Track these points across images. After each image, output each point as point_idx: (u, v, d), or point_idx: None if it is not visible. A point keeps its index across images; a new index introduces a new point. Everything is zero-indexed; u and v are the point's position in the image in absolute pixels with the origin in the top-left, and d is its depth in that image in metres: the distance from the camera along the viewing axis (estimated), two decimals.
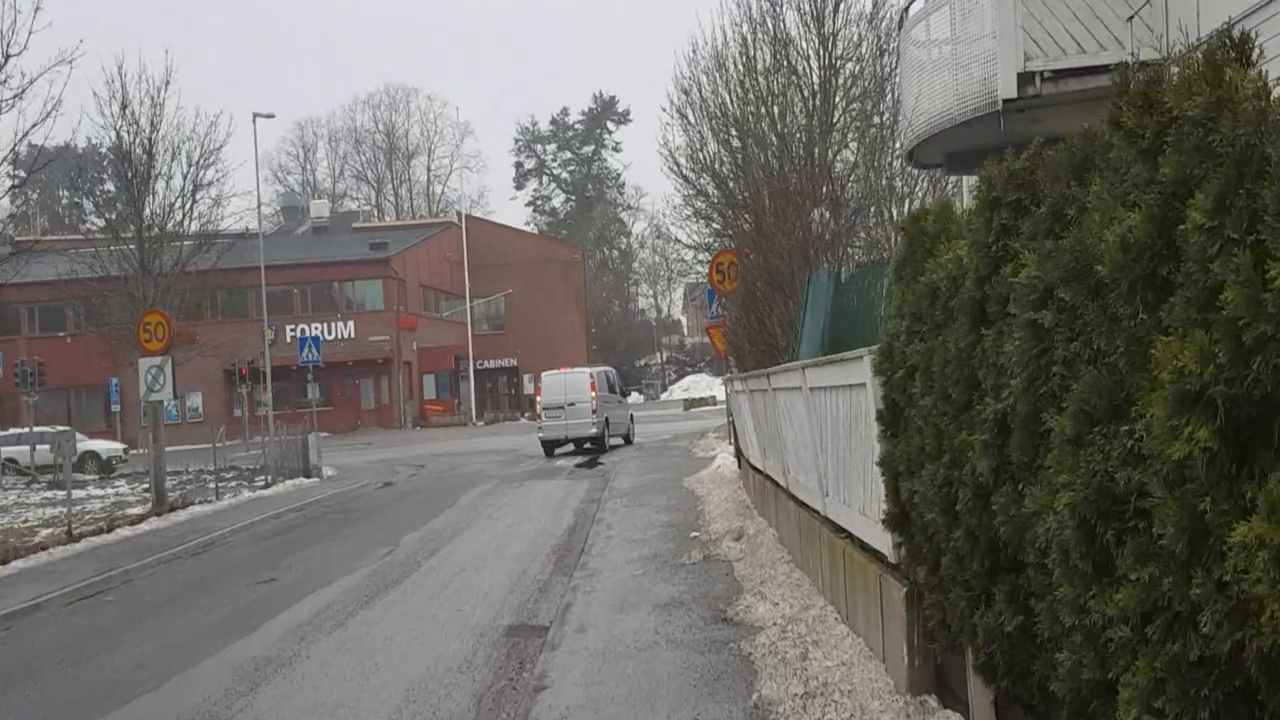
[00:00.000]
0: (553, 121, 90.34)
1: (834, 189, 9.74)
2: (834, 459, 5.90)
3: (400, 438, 45.57)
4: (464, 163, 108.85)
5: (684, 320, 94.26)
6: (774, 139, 27.00)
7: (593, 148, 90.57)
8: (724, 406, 36.78)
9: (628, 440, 29.95)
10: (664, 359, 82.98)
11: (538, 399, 34.54)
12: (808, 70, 23.83)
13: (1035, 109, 10.85)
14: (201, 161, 21.73)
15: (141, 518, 17.56)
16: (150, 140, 21.62)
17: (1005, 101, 10.60)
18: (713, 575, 9.06)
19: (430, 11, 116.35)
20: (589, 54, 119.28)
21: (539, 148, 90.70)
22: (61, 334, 48.69)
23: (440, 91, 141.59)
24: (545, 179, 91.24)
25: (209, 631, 9.22)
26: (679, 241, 29.91)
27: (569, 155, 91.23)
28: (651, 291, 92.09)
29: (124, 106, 20.77)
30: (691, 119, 28.35)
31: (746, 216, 26.31)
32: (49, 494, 29.10)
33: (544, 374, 29.49)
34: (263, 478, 25.91)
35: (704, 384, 70.74)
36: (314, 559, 13.05)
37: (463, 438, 42.11)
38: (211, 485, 26.20)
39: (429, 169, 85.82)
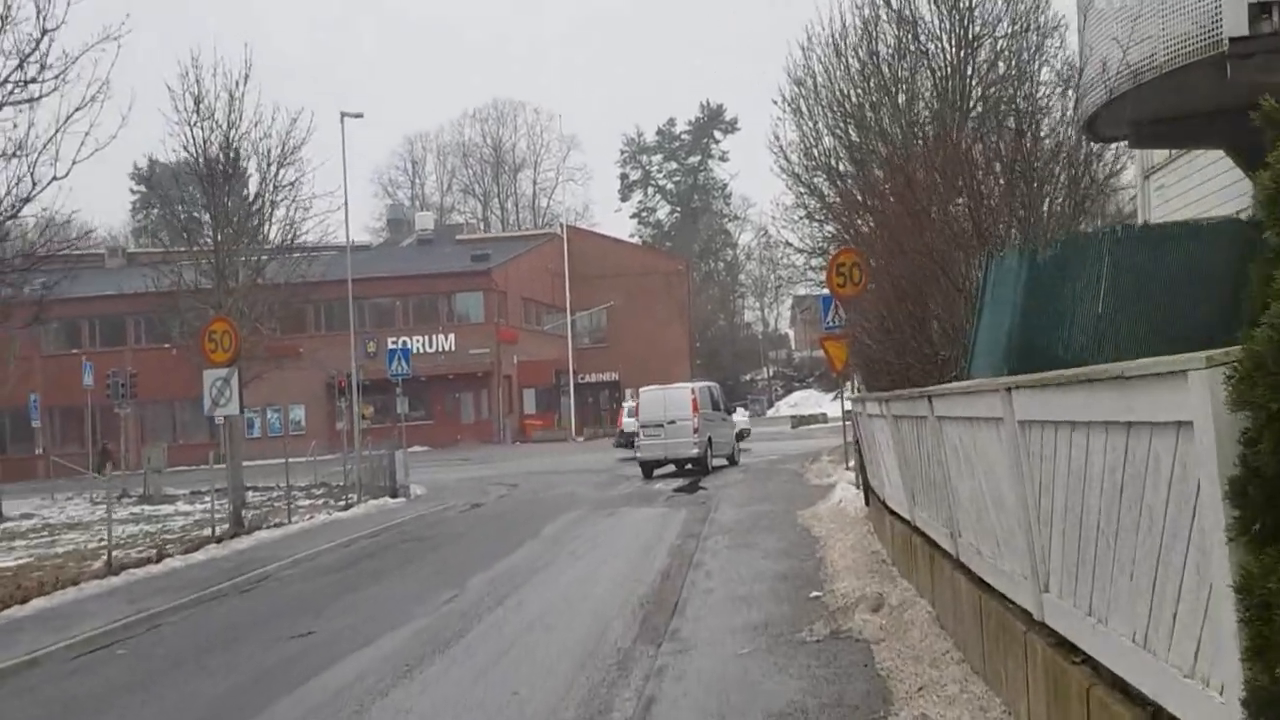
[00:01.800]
0: (659, 132, 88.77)
1: (1006, 150, 7.50)
2: (1071, 540, 3.62)
3: (498, 453, 44.18)
4: (569, 175, 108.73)
5: (791, 334, 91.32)
6: (898, 131, 24.47)
7: (699, 158, 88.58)
8: (837, 424, 34.07)
9: (732, 461, 27.75)
10: (770, 374, 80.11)
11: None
12: (940, 50, 21.30)
13: (1270, 53, 8.31)
14: (281, 159, 20.38)
15: (198, 545, 16.11)
16: (228, 139, 20.46)
17: (1232, 42, 8.11)
18: (846, 666, 6.77)
19: (536, 24, 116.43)
20: (697, 62, 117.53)
21: (644, 159, 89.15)
22: (166, 345, 48.99)
23: (547, 105, 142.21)
24: (650, 190, 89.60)
25: (206, 711, 7.40)
26: (790, 245, 27.44)
27: (675, 166, 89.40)
28: (758, 304, 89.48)
29: (198, 101, 19.62)
30: (805, 110, 26.02)
31: (867, 217, 23.86)
32: (137, 509, 28.45)
33: (642, 390, 27.60)
34: (351, 496, 24.52)
35: (813, 400, 67.86)
36: (365, 604, 11.21)
37: (561, 454, 40.44)
38: (291, 505, 24.99)
39: (535, 182, 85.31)
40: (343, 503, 22.66)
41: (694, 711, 6.33)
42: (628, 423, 32.12)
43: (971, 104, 21.04)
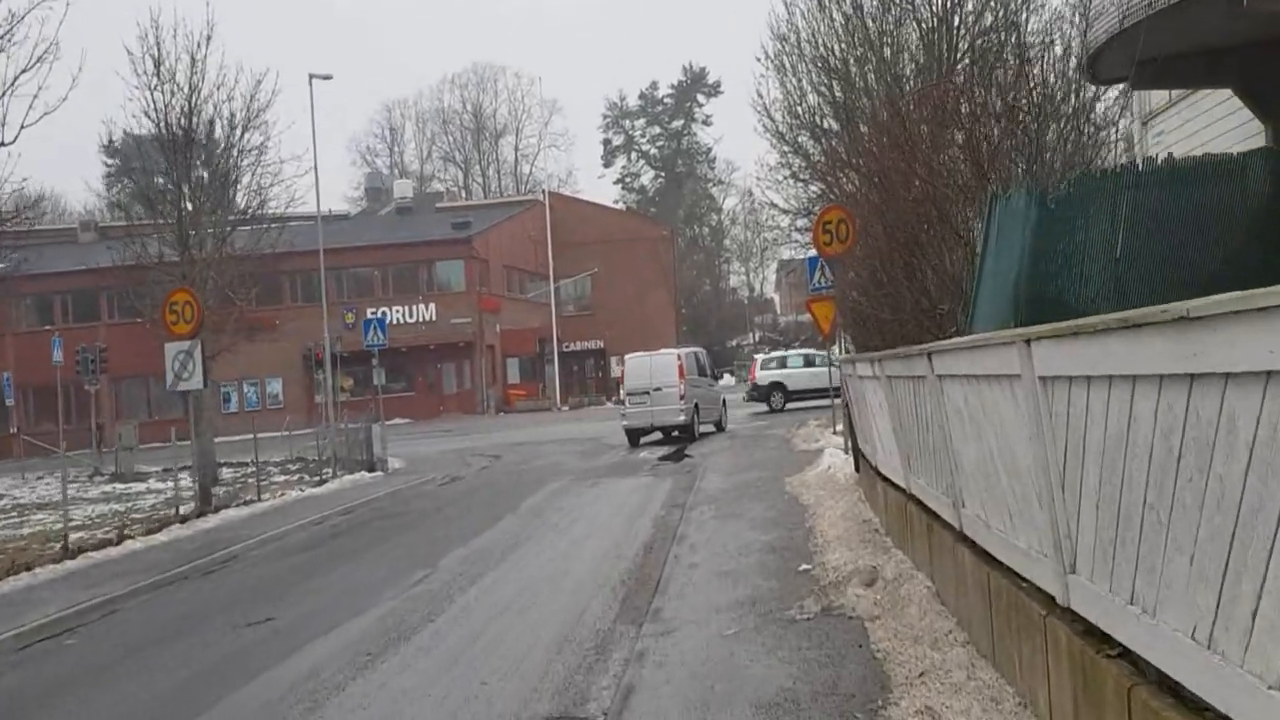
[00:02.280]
0: (641, 96, 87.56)
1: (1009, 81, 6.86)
2: (1107, 515, 3.05)
3: (481, 424, 43.59)
4: (552, 141, 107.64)
5: (777, 299, 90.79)
6: (883, 87, 23.79)
7: (682, 122, 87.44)
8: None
9: (720, 427, 27.26)
10: (757, 339, 79.61)
11: (622, 383, 31.97)
12: (926, 2, 20.58)
13: None
14: (246, 123, 19.57)
15: (161, 525, 15.51)
16: (190, 103, 19.61)
17: None
18: (840, 647, 6.24)
19: None
20: (679, 24, 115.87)
21: (627, 123, 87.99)
22: (139, 320, 47.94)
23: (528, 69, 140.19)
24: (634, 155, 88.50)
25: (152, 707, 6.84)
26: (775, 206, 26.79)
27: (658, 130, 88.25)
28: (743, 269, 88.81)
29: (158, 64, 18.76)
30: (788, 68, 25.29)
31: (853, 175, 23.21)
32: (109, 488, 27.80)
33: (628, 357, 27.03)
34: (326, 471, 23.92)
35: None
36: (332, 587, 10.65)
37: (545, 424, 39.88)
38: (265, 481, 24.38)
39: (517, 148, 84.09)
40: (317, 478, 22.02)
41: (676, 701, 5.80)
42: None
43: (959, 56, 20.36)
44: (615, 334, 56.41)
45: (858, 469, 11.36)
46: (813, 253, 25.80)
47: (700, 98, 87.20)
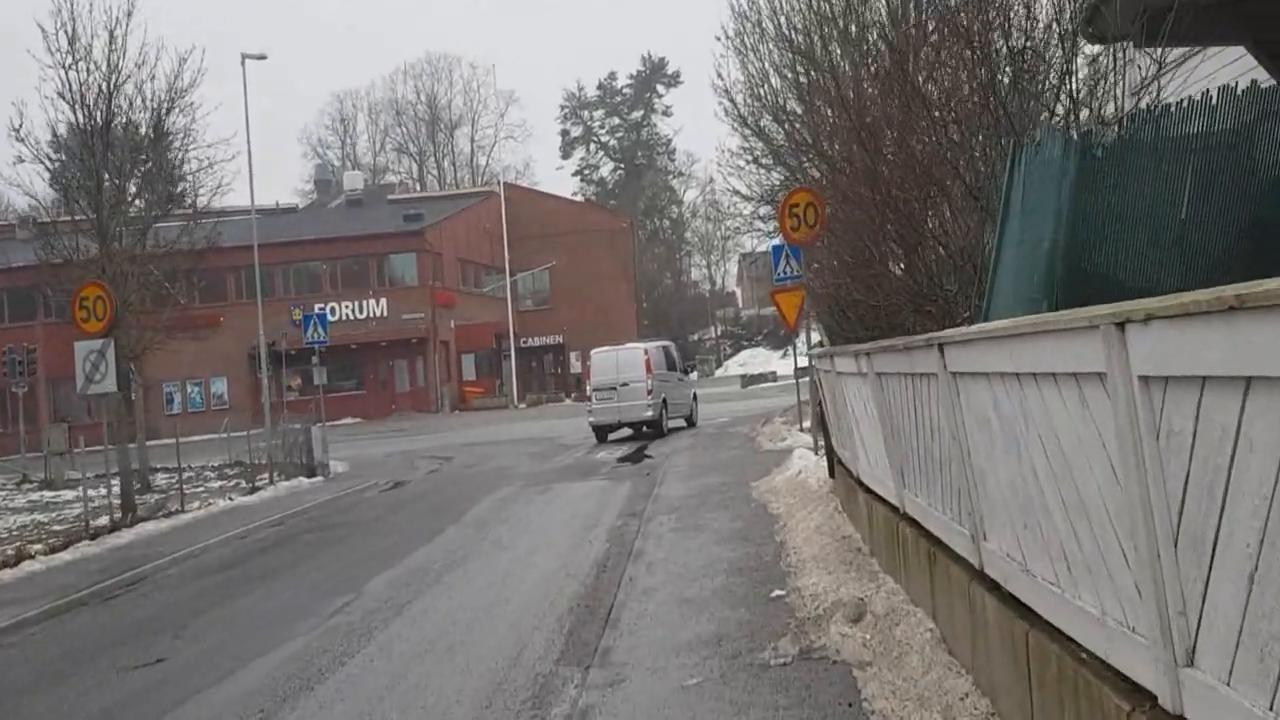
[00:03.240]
0: (600, 86, 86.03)
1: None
2: (1277, 591, 1.91)
3: (435, 423, 42.15)
4: (509, 133, 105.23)
5: (739, 292, 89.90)
6: (847, 66, 22.76)
7: (642, 113, 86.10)
8: (787, 383, 32.56)
9: (690, 422, 26.35)
10: (719, 333, 78.68)
11: (587, 380, 31.07)
12: None
13: None
14: (169, 103, 18.05)
15: (67, 542, 14.08)
16: (110, 84, 18.05)
17: None
18: (826, 706, 5.10)
19: None
20: (638, 14, 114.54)
21: (586, 114, 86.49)
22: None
23: (483, 59, 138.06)
24: (593, 147, 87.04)
25: None
26: (737, 194, 25.68)
27: (617, 121, 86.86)
28: (705, 262, 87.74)
29: (72, 40, 17.21)
30: (750, 47, 24.19)
31: (816, 161, 22.17)
32: (36, 496, 26.14)
33: (594, 351, 26.23)
34: (263, 477, 22.46)
35: (761, 359, 66.75)
36: (241, 616, 9.37)
37: (501, 422, 38.55)
38: (198, 488, 22.91)
39: (473, 140, 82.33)
40: (249, 486, 20.57)
41: None
42: None
43: (930, 31, 19.35)
44: (575, 329, 55.14)
45: (832, 474, 10.26)
46: (777, 241, 24.78)
47: (660, 88, 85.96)
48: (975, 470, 4.02)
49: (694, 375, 28.90)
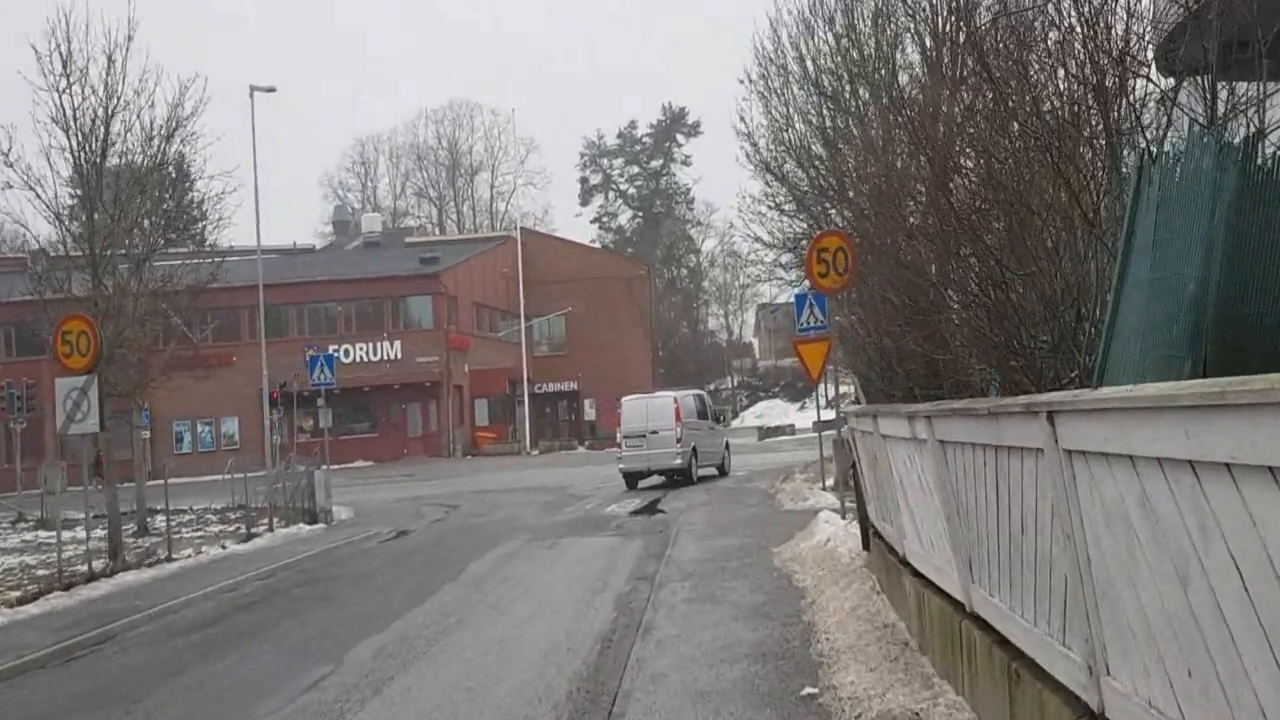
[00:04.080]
0: (620, 135, 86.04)
1: None
2: None
3: (446, 468, 41.21)
4: (528, 179, 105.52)
5: (756, 343, 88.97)
6: (873, 111, 22.03)
7: (661, 161, 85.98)
8: (805, 436, 31.47)
9: (723, 471, 26.21)
10: (735, 384, 77.63)
11: (616, 426, 30.94)
12: (929, 8, 18.89)
13: None
14: (168, 133, 17.41)
15: (39, 593, 13.17)
16: (108, 110, 17.46)
17: None
18: None
19: (493, 23, 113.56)
20: (659, 65, 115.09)
21: (605, 162, 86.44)
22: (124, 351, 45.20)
23: (504, 106, 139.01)
24: (611, 195, 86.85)
25: None
26: (758, 240, 24.87)
27: (636, 170, 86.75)
28: (722, 312, 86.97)
29: (65, 63, 16.65)
30: (774, 90, 23.54)
31: (844, 212, 21.38)
32: (30, 536, 25.27)
33: (625, 399, 26.41)
34: (261, 523, 21.52)
35: (779, 411, 65.73)
36: (205, 688, 8.42)
37: (513, 469, 37.62)
38: (196, 533, 22.01)
39: (493, 186, 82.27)
40: (245, 532, 19.63)
41: None
42: None
43: (964, 73, 18.60)
44: (590, 376, 54.32)
45: (866, 546, 9.25)
46: (800, 290, 23.91)
47: (680, 137, 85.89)
48: (1098, 582, 3.09)
49: (725, 424, 28.62)
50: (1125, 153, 4.12)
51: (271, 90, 26.15)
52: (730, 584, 10.52)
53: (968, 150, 4.85)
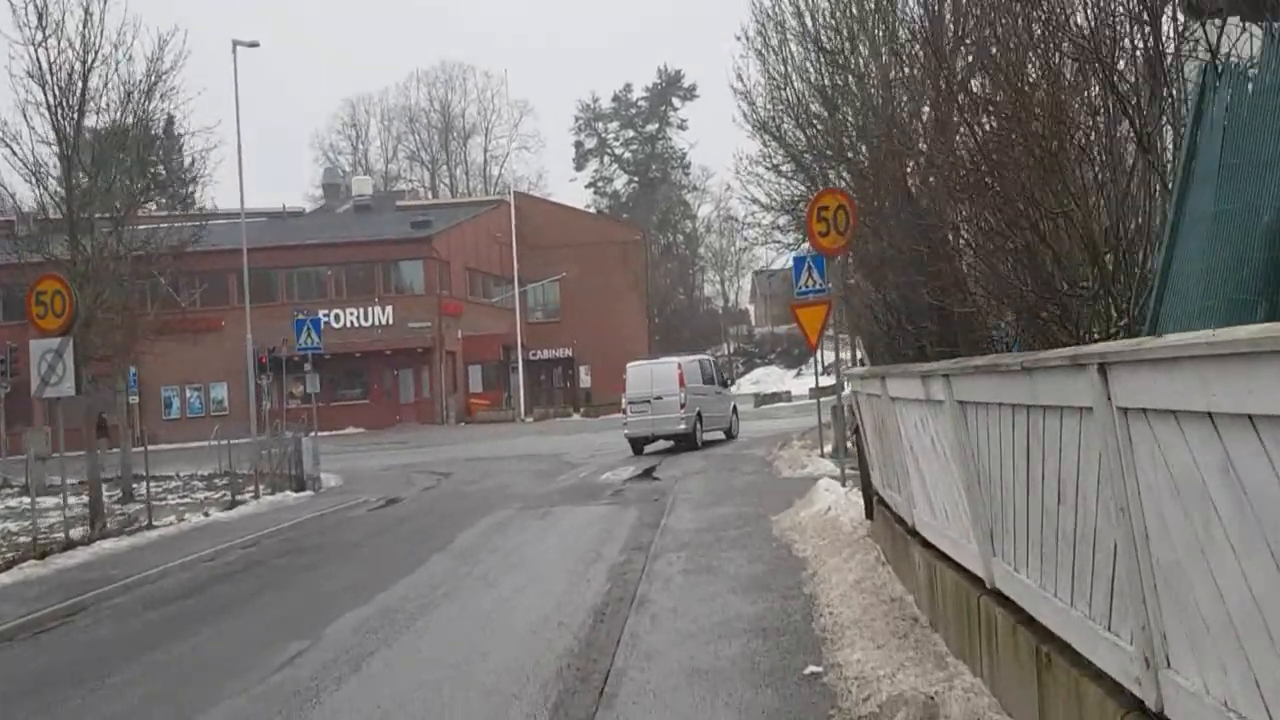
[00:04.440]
0: (615, 98, 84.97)
1: None
2: None
3: (439, 435, 40.83)
4: (522, 143, 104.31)
5: (752, 310, 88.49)
6: (874, 68, 21.46)
7: (657, 125, 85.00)
8: (802, 403, 31.12)
9: (730, 435, 26.45)
10: (731, 350, 77.26)
11: (620, 392, 31.29)
12: None
13: None
14: (143, 86, 16.77)
15: (13, 562, 12.76)
16: (86, 65, 16.82)
17: None
18: None
19: None
20: (654, 25, 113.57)
21: (600, 126, 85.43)
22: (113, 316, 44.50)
23: (497, 68, 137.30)
24: (606, 159, 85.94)
25: None
26: (756, 202, 24.28)
27: (632, 134, 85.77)
28: (718, 278, 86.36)
29: (40, 15, 16.01)
30: (772, 48, 22.88)
31: (843, 173, 20.81)
32: (15, 503, 24.86)
33: (630, 365, 26.64)
34: (248, 490, 21.13)
35: (775, 378, 65.44)
36: (176, 664, 8.02)
37: (507, 436, 37.23)
38: (181, 499, 21.64)
39: (486, 150, 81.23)
40: (230, 499, 19.23)
41: None
42: None
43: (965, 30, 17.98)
44: (584, 342, 53.82)
45: (870, 515, 8.85)
46: (798, 253, 23.39)
47: (675, 101, 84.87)
48: (1160, 563, 2.66)
49: (733, 389, 28.66)
50: (1174, 72, 3.65)
51: (255, 45, 25.42)
52: (728, 554, 10.13)
53: (985, 79, 4.36)
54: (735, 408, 27.56)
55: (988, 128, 4.24)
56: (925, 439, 5.27)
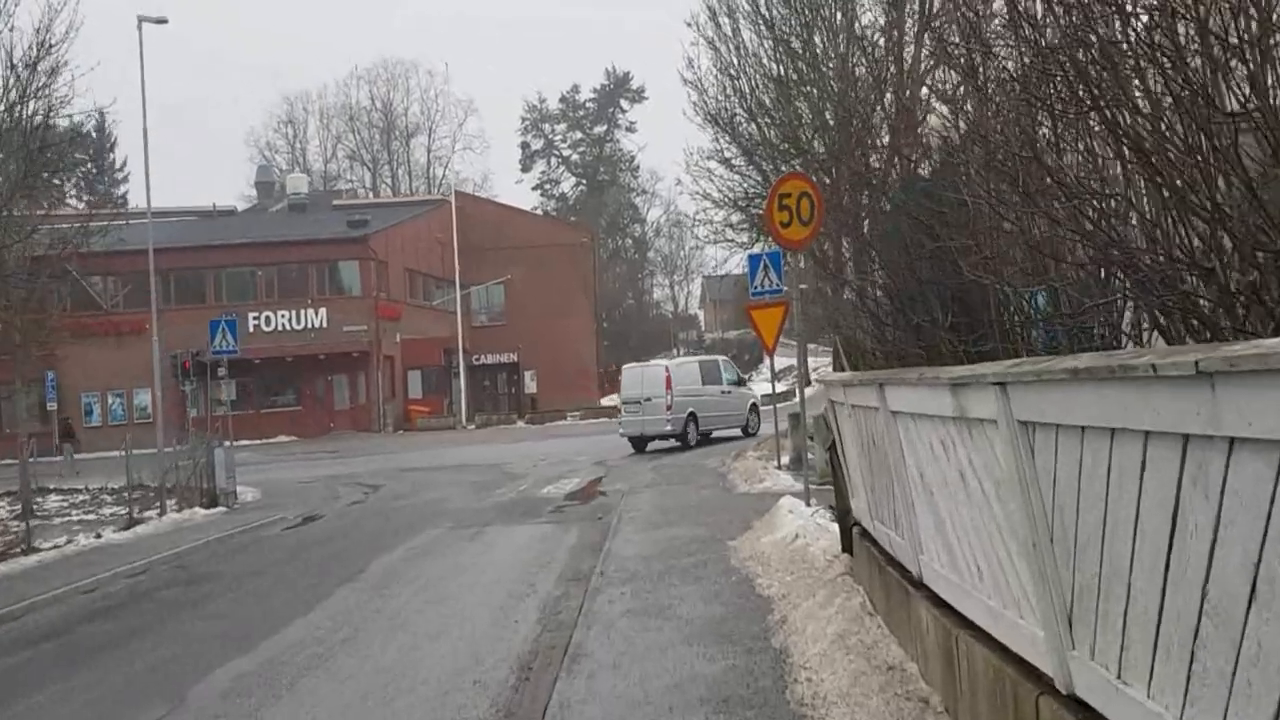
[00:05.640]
0: (562, 99, 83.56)
1: None
2: None
3: (373, 444, 38.96)
4: (467, 143, 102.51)
5: (701, 315, 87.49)
6: (833, 55, 20.44)
7: (605, 127, 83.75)
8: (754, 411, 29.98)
9: (747, 432, 26.25)
10: (681, 355, 76.05)
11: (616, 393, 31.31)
12: None
13: None
14: (25, 59, 14.94)
15: None
16: None
17: None
18: None
19: None
20: (602, 26, 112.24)
21: (547, 127, 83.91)
22: None
23: (441, 67, 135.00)
24: (554, 161, 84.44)
25: None
26: (708, 199, 23.03)
27: (579, 136, 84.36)
28: (667, 282, 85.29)
29: None
30: (727, 33, 21.68)
31: (795, 165, 19.61)
32: None
33: (625, 367, 28.72)
34: (154, 505, 19.29)
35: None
36: None
37: (447, 445, 35.52)
38: (89, 516, 19.77)
39: (429, 150, 79.21)
40: (128, 518, 17.40)
41: None
42: None
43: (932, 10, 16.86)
44: (530, 347, 52.14)
45: (847, 547, 7.49)
46: (753, 251, 22.09)
47: (624, 103, 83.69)
48: None
49: (750, 388, 28.56)
50: None
51: (163, 22, 23.47)
52: (680, 590, 8.71)
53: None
54: (755, 405, 27.61)
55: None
56: (949, 469, 3.93)
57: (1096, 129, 3.19)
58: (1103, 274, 3.40)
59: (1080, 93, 3.01)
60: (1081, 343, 3.61)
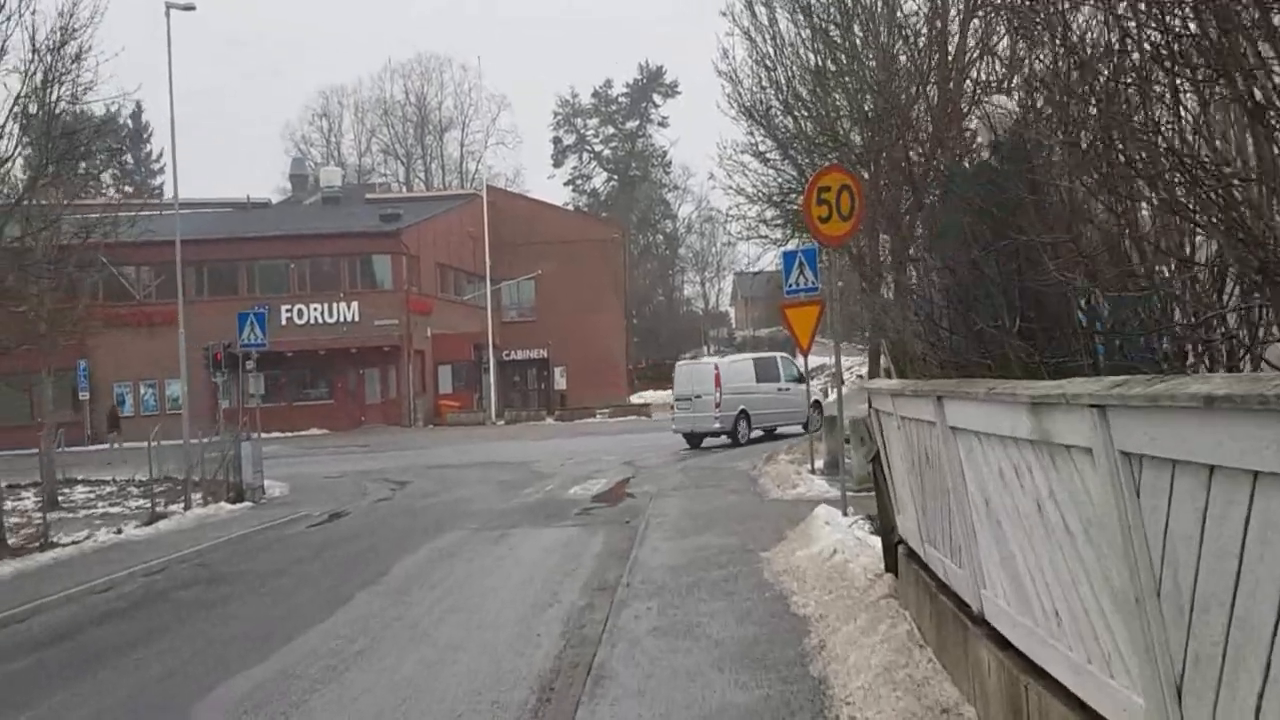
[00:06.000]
0: (595, 94, 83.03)
1: None
2: None
3: (404, 439, 38.81)
4: (499, 138, 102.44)
5: (732, 312, 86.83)
6: (873, 45, 19.73)
7: (637, 122, 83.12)
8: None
9: (806, 429, 24.85)
10: (711, 352, 75.49)
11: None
12: None
13: None
14: (49, 44, 14.68)
15: None
16: None
17: None
18: None
19: None
20: (635, 22, 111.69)
21: (579, 122, 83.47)
22: (22, 307, 42.08)
23: (475, 62, 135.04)
24: (585, 156, 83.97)
25: None
26: (741, 193, 22.46)
27: (612, 131, 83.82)
28: (699, 279, 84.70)
29: None
30: (763, 23, 21.11)
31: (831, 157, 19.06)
32: None
33: (678, 364, 29.35)
34: (180, 499, 19.11)
35: None
36: None
37: (476, 441, 35.30)
38: (115, 509, 19.64)
39: (462, 144, 79.18)
40: (151, 513, 17.20)
41: None
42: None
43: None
44: (560, 343, 51.81)
45: (891, 567, 7.01)
46: (788, 248, 21.56)
47: (656, 98, 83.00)
48: None
49: (809, 385, 27.12)
50: None
51: (190, 9, 23.30)
52: (710, 605, 8.27)
53: None
54: (818, 402, 26.81)
55: None
56: (1022, 499, 3.47)
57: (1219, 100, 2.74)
58: (1220, 277, 2.95)
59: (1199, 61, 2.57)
60: (1158, 360, 3.14)
